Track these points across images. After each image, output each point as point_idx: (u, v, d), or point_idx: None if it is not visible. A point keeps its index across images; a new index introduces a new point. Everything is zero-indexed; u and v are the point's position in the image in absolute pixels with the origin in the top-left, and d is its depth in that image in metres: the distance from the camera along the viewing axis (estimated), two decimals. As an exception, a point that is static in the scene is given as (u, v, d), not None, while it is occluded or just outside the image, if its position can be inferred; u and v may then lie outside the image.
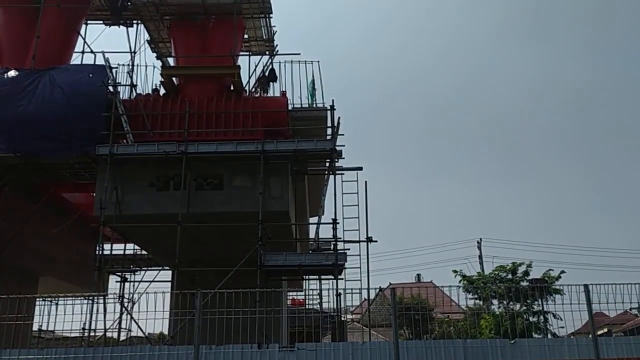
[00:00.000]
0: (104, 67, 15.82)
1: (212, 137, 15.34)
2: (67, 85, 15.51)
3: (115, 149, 14.81)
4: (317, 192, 17.94)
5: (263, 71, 17.94)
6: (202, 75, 16.71)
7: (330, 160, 15.32)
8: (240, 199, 14.92)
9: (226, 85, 16.94)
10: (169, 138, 15.27)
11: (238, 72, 16.48)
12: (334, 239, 14.39)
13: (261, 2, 17.27)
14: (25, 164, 15.67)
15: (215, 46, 17.34)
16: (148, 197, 15.07)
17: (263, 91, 17.78)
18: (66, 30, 18.05)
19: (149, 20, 17.81)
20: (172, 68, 17.64)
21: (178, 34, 18.03)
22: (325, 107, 16.05)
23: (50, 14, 17.25)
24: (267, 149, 14.67)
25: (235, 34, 17.13)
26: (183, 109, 15.61)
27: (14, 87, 15.64)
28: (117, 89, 15.56)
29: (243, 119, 15.80)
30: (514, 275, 27.28)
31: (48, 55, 16.81)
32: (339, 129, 15.15)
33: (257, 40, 19.46)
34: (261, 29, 18.86)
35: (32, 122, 15.19)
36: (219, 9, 17.44)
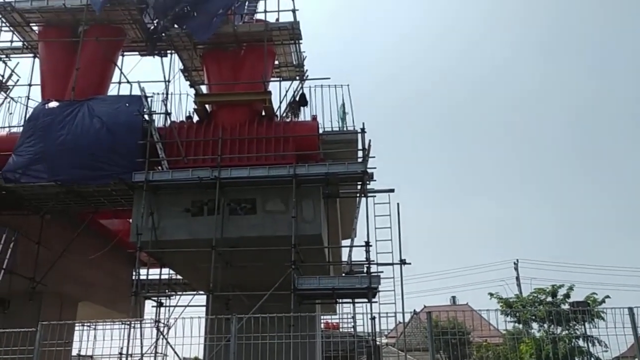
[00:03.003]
0: (139, 96, 16.30)
1: (245, 162, 15.54)
2: (105, 115, 16.02)
3: (150, 176, 15.13)
4: (349, 214, 17.94)
5: (294, 96, 18.19)
6: (234, 102, 17.01)
7: (362, 182, 15.32)
8: (273, 223, 15.00)
9: (258, 111, 17.20)
10: (203, 164, 15.53)
11: (269, 98, 16.74)
12: (367, 261, 14.31)
13: (291, 29, 17.59)
14: (65, 192, 16.15)
15: (246, 73, 17.68)
16: (183, 223, 15.30)
17: (294, 116, 17.99)
18: (104, 62, 18.70)
19: (182, 50, 18.31)
20: (205, 95, 18.02)
21: (210, 62, 18.47)
22: (356, 130, 16.12)
23: (89, 48, 17.92)
24: (299, 173, 14.77)
25: (266, 61, 17.43)
26: (216, 135, 15.90)
27: (54, 118, 16.24)
28: (152, 117, 15.96)
29: (275, 143, 15.98)
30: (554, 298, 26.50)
31: (87, 86, 17.43)
32: (369, 152, 15.17)
33: (287, 66, 19.76)
34: (291, 55, 19.15)
35: (72, 151, 15.69)
36: (250, 37, 17.83)
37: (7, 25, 18.85)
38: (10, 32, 19.24)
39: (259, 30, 17.60)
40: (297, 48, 18.76)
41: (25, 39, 19.47)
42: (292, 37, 17.94)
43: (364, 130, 15.40)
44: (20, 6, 18.26)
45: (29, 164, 15.80)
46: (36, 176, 15.70)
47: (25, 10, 18.38)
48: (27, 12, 18.46)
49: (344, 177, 15.30)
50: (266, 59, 17.41)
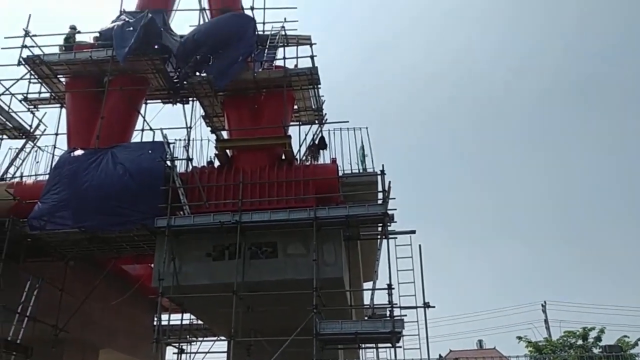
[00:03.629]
0: (162, 143, 16.62)
1: (266, 206, 15.61)
2: (128, 162, 16.34)
3: (172, 221, 15.26)
4: (371, 257, 17.77)
5: (313, 139, 18.41)
6: (255, 147, 17.23)
7: (383, 224, 15.24)
8: (294, 266, 14.92)
9: (278, 155, 17.38)
10: (224, 208, 15.63)
11: (289, 142, 16.94)
12: (389, 305, 14.07)
13: (309, 75, 17.93)
14: (88, 238, 16.34)
15: (266, 118, 17.97)
16: (204, 267, 15.31)
17: (314, 159, 18.14)
18: (128, 110, 19.21)
19: (203, 97, 18.74)
20: (225, 141, 18.31)
21: (231, 108, 18.84)
22: (376, 172, 16.16)
23: (113, 97, 18.45)
24: (320, 216, 14.77)
25: (286, 106, 17.73)
26: (237, 179, 16.06)
27: (79, 166, 16.60)
28: (174, 163, 16.23)
29: (295, 187, 16.06)
30: (585, 342, 25.63)
31: (111, 134, 17.86)
32: (390, 193, 15.15)
33: (306, 110, 20.06)
34: (310, 99, 19.46)
35: (96, 197, 15.96)
36: (270, 83, 18.21)
37: (35, 77, 19.54)
38: (39, 83, 19.93)
39: (279, 77, 17.99)
40: (315, 92, 19.07)
41: (53, 90, 20.14)
42: (310, 82, 18.27)
43: (383, 172, 15.42)
44: (48, 59, 18.97)
45: (54, 211, 16.09)
46: (61, 223, 15.96)
47: (53, 63, 19.08)
48: (55, 65, 19.16)
49: (364, 219, 15.24)
50: (285, 104, 17.71)
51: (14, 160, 19.81)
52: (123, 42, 18.23)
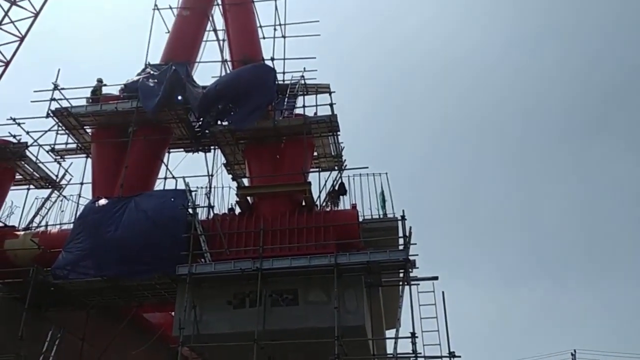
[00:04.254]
0: (184, 191, 16.85)
1: (286, 253, 15.58)
2: (151, 210, 16.56)
3: (194, 269, 15.28)
4: (393, 304, 17.46)
5: (333, 186, 18.49)
6: (275, 194, 17.35)
7: (404, 270, 15.06)
8: (315, 314, 14.74)
9: (298, 201, 17.46)
10: (245, 255, 15.64)
11: (309, 188, 17.05)
12: (413, 354, 13.74)
13: (329, 122, 18.20)
14: (110, 287, 16.42)
15: (287, 165, 18.16)
16: (225, 316, 15.20)
17: (334, 205, 18.18)
18: (151, 159, 19.60)
19: (225, 145, 19.08)
20: (246, 188, 18.48)
21: (252, 156, 19.11)
22: (396, 218, 16.11)
23: (137, 147, 18.87)
24: (340, 262, 14.67)
25: (306, 153, 17.93)
26: (258, 226, 16.11)
27: (103, 215, 16.87)
28: (196, 210, 16.39)
29: (315, 233, 16.04)
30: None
31: (135, 183, 18.18)
32: (411, 239, 15.03)
33: (326, 156, 20.24)
34: (330, 146, 19.66)
35: (119, 246, 16.13)
36: (290, 131, 18.50)
37: (63, 128, 20.11)
38: (66, 134, 20.49)
39: (298, 124, 18.29)
40: (335, 139, 19.29)
41: (79, 141, 20.66)
42: (330, 129, 18.53)
43: (404, 217, 15.36)
44: (76, 111, 19.58)
45: (77, 261, 16.28)
46: (84, 272, 16.12)
47: (80, 115, 19.68)
48: (82, 116, 19.76)
49: (386, 266, 15.11)
50: (305, 151, 17.92)
51: (40, 209, 20.22)
52: (148, 94, 18.80)
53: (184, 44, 22.07)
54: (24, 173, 20.58)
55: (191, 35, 22.42)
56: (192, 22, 22.54)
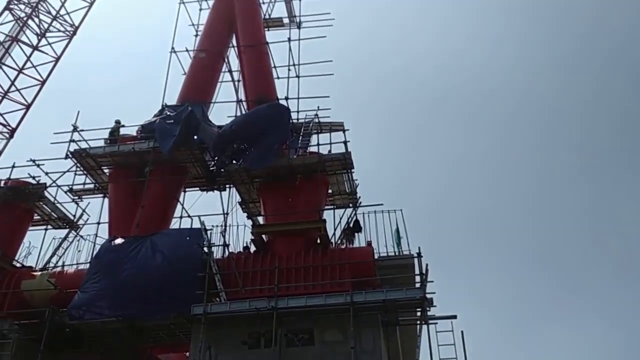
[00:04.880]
0: (200, 230, 16.92)
1: (302, 291, 15.45)
2: (166, 250, 16.62)
3: (209, 308, 15.19)
4: (411, 343, 17.14)
5: (348, 223, 18.44)
6: (290, 231, 17.34)
7: (422, 309, 14.83)
8: (331, 354, 14.52)
9: (313, 239, 17.41)
10: (260, 294, 15.54)
11: (324, 226, 17.02)
12: (433, 395, 13.40)
13: (343, 160, 18.28)
14: (125, 327, 16.34)
15: (301, 203, 18.19)
16: (240, 356, 15.03)
17: (349, 242, 18.09)
18: (167, 199, 19.77)
19: (240, 183, 19.21)
20: (261, 226, 18.50)
21: (267, 194, 19.19)
22: (412, 255, 15.97)
23: (154, 186, 19.08)
24: (356, 301, 14.51)
25: (320, 190, 17.97)
26: (273, 264, 16.06)
27: (119, 255, 16.95)
28: (211, 249, 16.41)
29: (331, 271, 15.94)
30: None
31: (151, 222, 18.30)
32: (427, 276, 14.85)
33: (340, 194, 20.26)
34: (344, 183, 19.70)
35: (134, 286, 16.13)
36: (305, 168, 18.60)
37: (81, 169, 20.42)
38: (84, 175, 20.78)
39: (313, 162, 18.39)
40: (349, 177, 19.34)
41: (97, 181, 20.94)
42: (344, 166, 18.60)
43: (420, 254, 15.22)
44: (94, 152, 19.92)
45: (93, 301, 16.29)
46: (99, 312, 16.10)
47: (98, 155, 20.01)
48: (99, 157, 20.08)
49: (402, 304, 14.90)
50: (320, 188, 17.96)
51: (57, 249, 20.38)
52: (165, 134, 19.11)
53: (200, 85, 22.52)
54: (42, 213, 20.83)
55: (207, 76, 22.89)
56: (208, 63, 23.04)
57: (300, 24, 24.46)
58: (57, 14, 28.06)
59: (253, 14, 23.75)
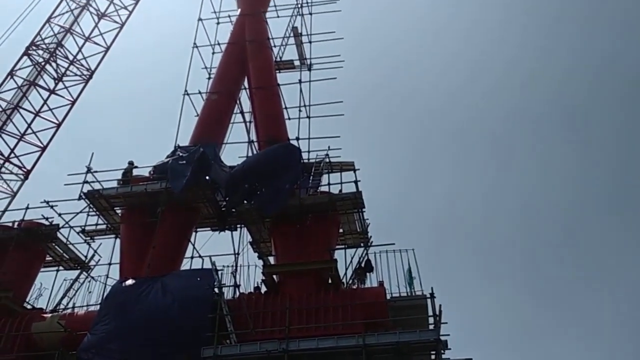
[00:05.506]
0: (210, 270, 16.84)
1: (313, 333, 15.22)
2: (177, 290, 16.53)
3: (219, 351, 14.97)
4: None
5: (359, 263, 18.27)
6: (301, 271, 17.22)
7: (436, 352, 14.51)
8: (344, 399, 14.17)
9: (324, 279, 17.26)
10: (271, 335, 15.33)
11: (335, 266, 16.89)
12: None
13: (354, 199, 18.27)
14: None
15: (312, 242, 18.10)
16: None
17: (360, 282, 17.90)
18: (179, 239, 19.78)
19: (251, 223, 19.22)
20: (272, 266, 18.40)
21: (278, 234, 19.15)
22: (425, 295, 15.73)
23: (165, 227, 19.14)
24: (369, 343, 14.26)
25: (331, 230, 17.92)
26: (283, 305, 15.88)
27: (129, 296, 16.87)
28: (222, 290, 16.30)
29: (342, 312, 15.73)
30: None
31: (162, 262, 18.28)
32: (441, 317, 14.58)
33: (351, 233, 20.17)
34: (355, 222, 19.64)
35: (144, 328, 15.99)
36: (315, 208, 18.60)
37: (94, 210, 20.57)
38: (96, 216, 20.92)
39: (324, 202, 18.40)
40: (360, 216, 19.29)
41: (109, 222, 21.06)
42: (355, 206, 18.58)
43: (433, 295, 14.99)
44: (107, 193, 20.10)
45: (102, 343, 16.14)
46: (109, 355, 15.93)
47: (111, 196, 20.18)
48: (112, 198, 20.25)
49: (416, 346, 14.59)
50: (331, 228, 17.91)
51: (68, 291, 20.35)
52: (177, 174, 19.27)
53: (212, 126, 22.82)
54: (54, 255, 20.94)
55: (219, 117, 23.21)
56: (220, 105, 23.40)
57: (310, 66, 24.87)
58: (74, 58, 28.88)
59: (265, 57, 24.23)
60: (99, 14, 30.26)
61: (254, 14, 25.11)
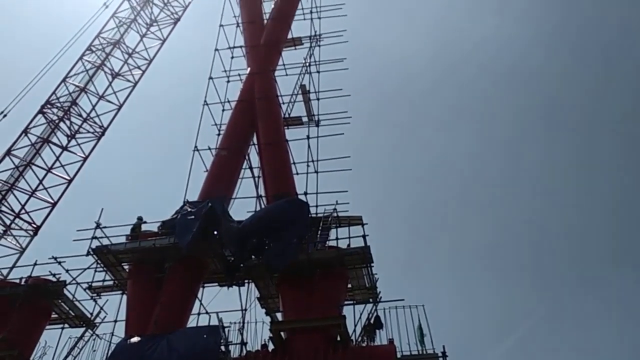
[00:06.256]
0: (217, 327, 16.59)
1: (321, 393, 14.78)
2: (183, 349, 16.24)
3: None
4: None
5: (368, 319, 17.94)
6: (309, 328, 16.91)
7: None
8: None
9: (333, 337, 16.91)
10: (278, 397, 14.89)
11: (344, 323, 16.58)
12: None
13: (362, 253, 18.14)
14: None
15: (320, 298, 17.85)
16: None
17: (370, 340, 17.50)
18: (186, 295, 19.57)
19: (258, 279, 19.04)
20: (280, 323, 18.09)
21: (285, 289, 18.93)
22: (436, 354, 15.37)
23: (173, 282, 19.02)
24: (379, 403, 13.79)
25: (340, 285, 17.69)
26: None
27: (133, 354, 16.56)
28: (228, 348, 16.00)
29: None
30: None
31: (168, 319, 18.02)
32: (454, 377, 14.17)
33: (360, 288, 19.89)
34: (363, 278, 19.41)
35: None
36: (324, 263, 18.45)
37: (101, 266, 20.50)
38: (104, 272, 20.82)
39: (332, 256, 18.27)
40: (369, 271, 19.08)
41: (117, 278, 20.93)
42: (363, 260, 18.42)
43: (445, 354, 14.65)
44: (115, 248, 20.09)
45: (106, 402, 15.73)
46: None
47: (119, 252, 20.15)
48: (120, 253, 20.22)
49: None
50: (339, 283, 17.69)
51: (72, 349, 20.00)
52: (185, 229, 19.29)
53: (221, 182, 23.00)
54: (60, 312, 20.73)
55: (228, 173, 23.43)
56: (229, 161, 23.67)
57: (318, 122, 25.26)
58: (88, 116, 29.60)
59: (274, 114, 24.70)
60: (113, 74, 31.22)
61: (263, 72, 25.77)
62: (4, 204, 26.55)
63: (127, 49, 32.09)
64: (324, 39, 27.62)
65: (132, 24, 32.60)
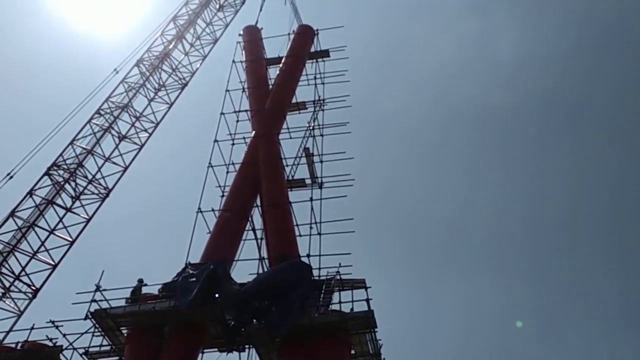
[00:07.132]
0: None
1: None
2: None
3: None
4: None
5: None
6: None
7: None
8: None
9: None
10: None
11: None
12: None
13: (365, 318, 17.76)
14: None
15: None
16: None
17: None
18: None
19: (260, 344, 18.57)
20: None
21: (287, 355, 18.46)
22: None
23: (172, 347, 18.57)
24: None
25: (343, 351, 17.23)
26: None
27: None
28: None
29: None
30: None
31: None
32: None
33: (363, 355, 19.38)
34: (367, 343, 18.93)
35: None
36: (326, 327, 18.05)
37: (99, 330, 20.01)
38: (101, 336, 20.30)
39: (335, 321, 17.88)
40: (372, 336, 18.62)
41: (114, 343, 20.39)
42: (367, 325, 18.02)
43: None
44: (114, 312, 19.69)
45: None
46: None
47: (118, 316, 19.73)
48: (119, 317, 19.79)
49: None
50: (343, 349, 17.22)
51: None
52: (186, 292, 19.01)
53: (224, 244, 22.85)
54: (55, 378, 20.07)
55: (231, 235, 23.30)
56: (232, 223, 23.60)
57: (322, 185, 25.37)
58: (93, 177, 29.77)
59: (277, 176, 24.85)
60: (120, 136, 31.65)
61: (268, 135, 26.13)
62: (5, 265, 26.29)
63: (135, 112, 32.63)
64: (327, 104, 28.22)
65: (140, 88, 33.34)
